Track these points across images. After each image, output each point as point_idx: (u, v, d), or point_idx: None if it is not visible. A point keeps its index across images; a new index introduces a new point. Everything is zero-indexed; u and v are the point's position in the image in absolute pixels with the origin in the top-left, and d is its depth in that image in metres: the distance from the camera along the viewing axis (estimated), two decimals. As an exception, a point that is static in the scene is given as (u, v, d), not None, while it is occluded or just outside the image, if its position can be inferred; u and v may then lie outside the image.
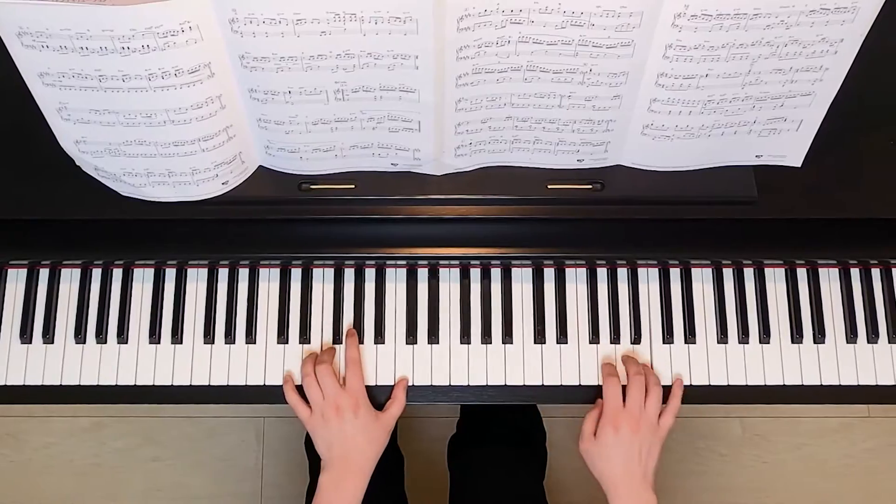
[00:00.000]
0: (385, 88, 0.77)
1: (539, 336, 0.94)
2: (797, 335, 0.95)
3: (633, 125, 0.83)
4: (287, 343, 0.94)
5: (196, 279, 0.96)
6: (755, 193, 0.89)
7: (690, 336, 0.95)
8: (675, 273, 0.96)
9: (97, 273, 0.96)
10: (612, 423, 0.87)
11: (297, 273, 0.96)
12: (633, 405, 0.88)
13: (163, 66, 0.71)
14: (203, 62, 0.72)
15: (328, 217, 0.89)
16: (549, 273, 0.96)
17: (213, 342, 0.94)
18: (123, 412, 1.61)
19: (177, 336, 0.94)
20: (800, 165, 0.88)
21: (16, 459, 1.61)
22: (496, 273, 0.96)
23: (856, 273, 0.97)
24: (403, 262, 0.96)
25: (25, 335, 0.94)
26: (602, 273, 0.96)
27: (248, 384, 0.93)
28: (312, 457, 1.12)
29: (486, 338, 0.94)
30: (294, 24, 0.69)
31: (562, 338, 0.94)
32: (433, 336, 0.94)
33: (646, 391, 0.89)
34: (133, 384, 0.93)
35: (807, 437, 1.63)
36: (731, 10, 0.69)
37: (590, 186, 0.89)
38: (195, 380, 0.93)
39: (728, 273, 0.96)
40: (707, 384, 0.94)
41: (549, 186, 0.89)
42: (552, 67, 0.76)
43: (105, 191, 0.88)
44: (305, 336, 0.94)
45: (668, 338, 0.95)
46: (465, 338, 0.94)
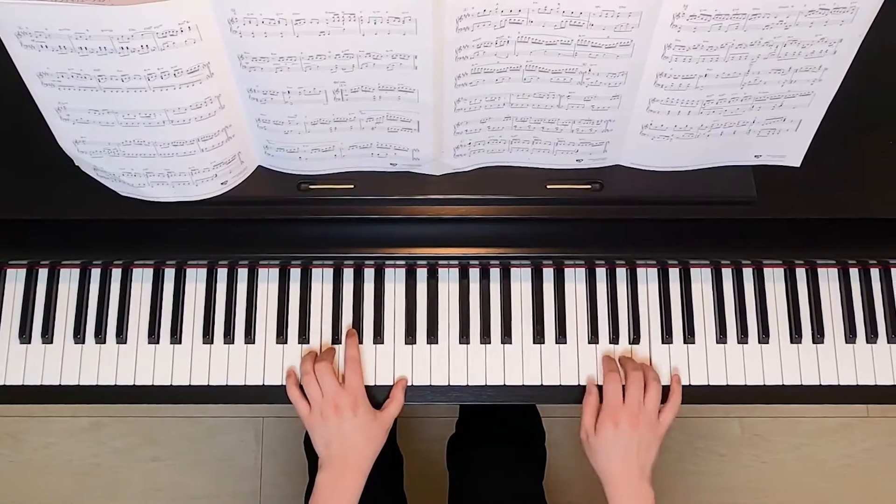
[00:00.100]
0: (384, 88, 0.77)
1: (538, 336, 0.94)
2: (796, 335, 0.95)
3: (632, 125, 0.83)
4: (286, 343, 0.94)
5: (195, 279, 0.96)
6: (754, 193, 0.89)
7: (689, 336, 0.95)
8: (674, 273, 0.96)
9: (96, 273, 0.96)
10: (612, 419, 0.87)
11: (297, 273, 0.96)
12: (633, 401, 0.88)
13: (162, 66, 0.71)
14: (202, 62, 0.72)
15: (327, 217, 0.89)
16: (549, 273, 0.96)
17: (213, 342, 0.94)
18: (123, 412, 1.61)
19: (176, 336, 0.94)
20: (799, 165, 0.88)
21: (15, 459, 1.61)
22: (495, 273, 0.96)
23: (855, 273, 0.97)
24: (402, 262, 0.96)
25: (24, 335, 0.94)
26: (601, 273, 0.96)
27: (247, 384, 0.93)
28: (311, 457, 1.12)
29: (485, 338, 0.94)
30: (293, 24, 0.69)
31: (561, 338, 0.94)
32: (432, 336, 0.94)
33: (645, 388, 0.89)
34: (132, 384, 0.93)
35: (806, 437, 1.63)
36: (730, 11, 0.69)
37: (589, 186, 0.89)
38: (194, 380, 0.93)
39: (727, 273, 0.96)
40: (706, 384, 0.94)
41: (548, 186, 0.89)
42: (551, 67, 0.76)
43: (104, 191, 0.88)
44: (304, 336, 0.94)
45: (667, 338, 0.95)
46: (464, 338, 0.94)
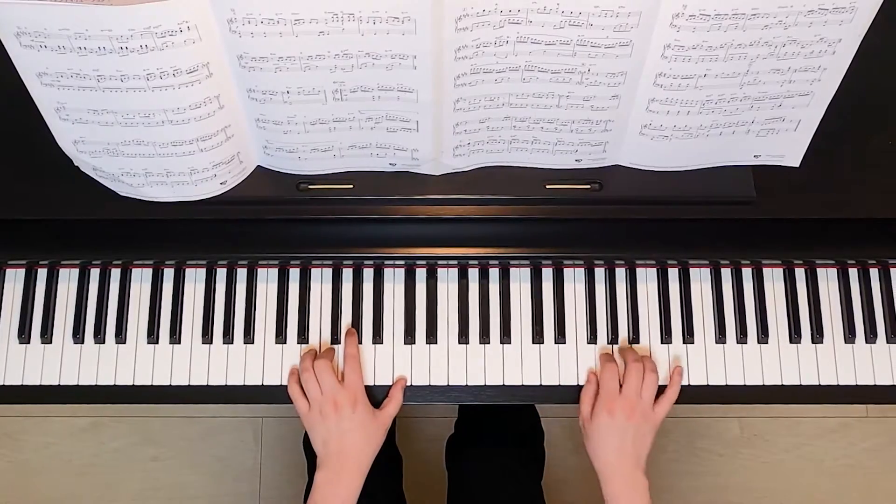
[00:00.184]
0: (383, 88, 0.77)
1: (537, 336, 0.94)
2: (795, 335, 0.95)
3: (632, 125, 0.83)
4: (285, 343, 0.94)
5: (194, 279, 0.96)
6: (753, 193, 0.89)
7: (689, 336, 0.95)
8: (674, 273, 0.96)
9: (95, 273, 0.96)
10: (608, 408, 0.87)
11: (296, 273, 0.96)
12: (630, 391, 0.88)
13: (161, 66, 0.71)
14: (201, 62, 0.72)
15: (326, 217, 0.89)
16: (548, 273, 0.96)
17: (212, 342, 0.94)
18: (122, 412, 1.61)
19: (175, 336, 0.94)
20: (798, 165, 0.88)
21: (14, 459, 1.61)
22: (494, 273, 0.96)
23: (854, 273, 0.97)
24: (402, 262, 0.96)
25: (23, 335, 0.94)
26: (600, 273, 0.96)
27: (246, 384, 0.93)
28: (310, 456, 1.12)
29: (485, 338, 0.94)
30: (292, 24, 0.69)
31: (560, 338, 0.94)
32: (431, 336, 0.94)
33: (643, 379, 0.89)
34: (131, 384, 0.93)
35: (805, 437, 1.63)
36: (730, 11, 0.69)
37: (588, 186, 0.89)
38: (193, 380, 0.93)
39: (726, 273, 0.96)
40: (705, 384, 0.94)
41: (548, 186, 0.89)
42: (550, 67, 0.76)
43: (103, 191, 0.88)
44: (303, 336, 0.94)
45: (667, 338, 0.95)
46: (464, 338, 0.94)
